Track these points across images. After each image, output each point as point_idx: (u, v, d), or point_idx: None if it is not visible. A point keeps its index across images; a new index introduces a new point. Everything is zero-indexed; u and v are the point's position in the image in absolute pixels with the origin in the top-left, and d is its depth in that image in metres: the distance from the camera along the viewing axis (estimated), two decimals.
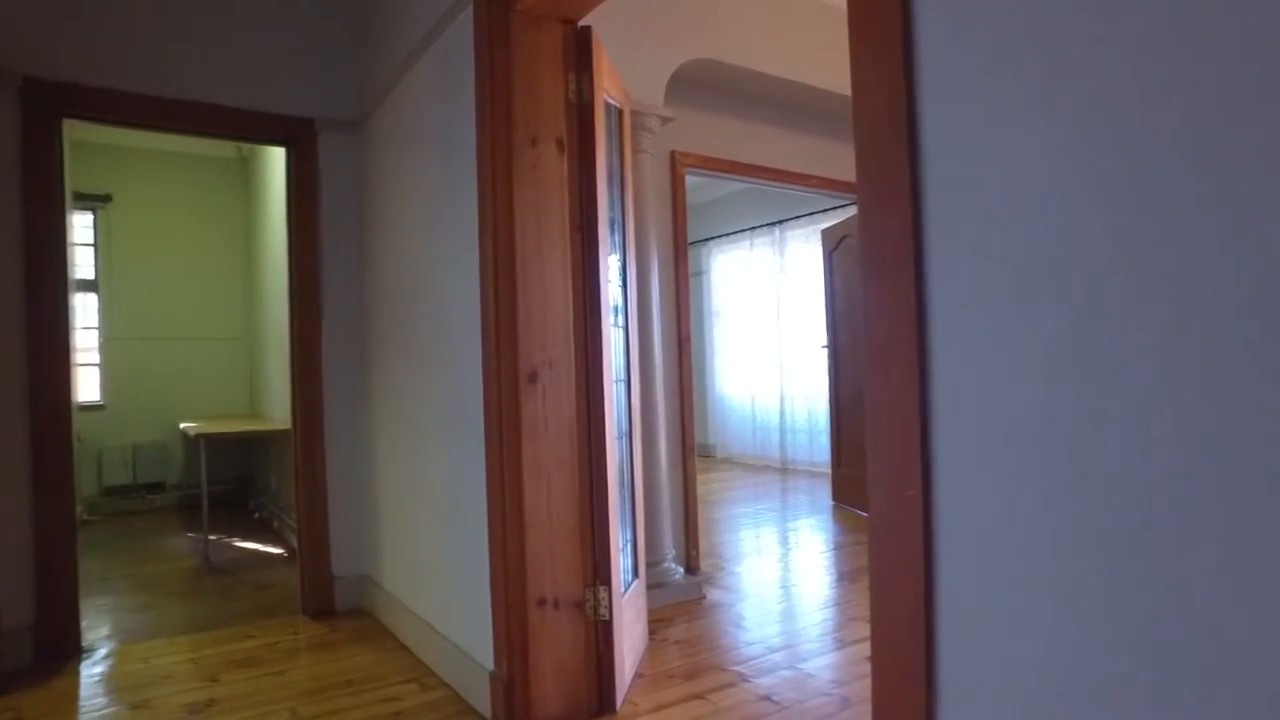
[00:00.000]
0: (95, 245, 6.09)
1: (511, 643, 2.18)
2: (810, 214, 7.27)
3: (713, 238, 8.56)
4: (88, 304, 6.06)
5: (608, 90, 2.55)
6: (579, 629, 2.28)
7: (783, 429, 7.81)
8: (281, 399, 3.56)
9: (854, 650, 2.79)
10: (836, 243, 5.55)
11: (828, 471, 6.22)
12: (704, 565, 3.87)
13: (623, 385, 2.68)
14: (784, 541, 4.64)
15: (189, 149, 6.33)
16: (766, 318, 7.92)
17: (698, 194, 8.21)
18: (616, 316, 2.65)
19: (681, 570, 3.48)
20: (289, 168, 3.38)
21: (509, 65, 2.21)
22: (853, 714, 2.30)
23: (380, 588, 3.24)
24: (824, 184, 4.41)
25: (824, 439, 6.90)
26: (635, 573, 2.75)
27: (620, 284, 2.75)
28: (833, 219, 6.49)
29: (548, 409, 2.25)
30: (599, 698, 2.31)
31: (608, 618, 2.30)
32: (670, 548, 3.41)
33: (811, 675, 2.58)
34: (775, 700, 2.39)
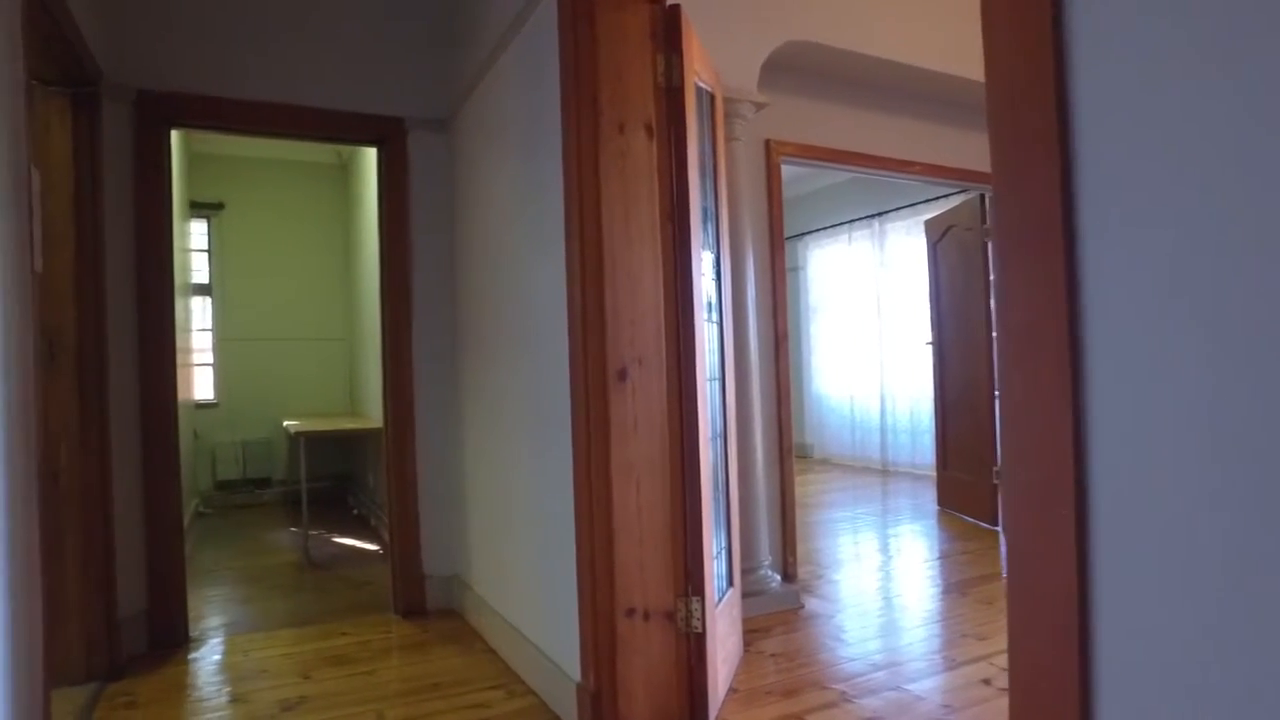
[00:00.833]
0: (209, 251, 6.39)
1: (599, 654, 2.08)
2: (911, 204, 6.95)
3: (809, 232, 8.32)
4: (205, 307, 6.36)
5: (698, 73, 2.41)
6: (670, 641, 2.17)
7: (883, 429, 7.50)
8: (379, 398, 3.60)
9: (966, 672, 2.57)
10: (941, 234, 5.24)
11: (931, 474, 5.92)
12: (801, 572, 3.68)
13: (716, 384, 2.55)
14: (885, 548, 4.40)
15: (293, 156, 6.55)
16: (866, 314, 7.63)
17: (792, 187, 7.96)
18: (710, 312, 2.52)
19: (778, 578, 3.32)
20: (380, 167, 3.40)
21: (594, 47, 2.10)
22: None
23: (470, 588, 3.21)
24: (927, 170, 4.14)
25: (927, 440, 6.57)
26: (730, 581, 2.62)
27: (714, 278, 2.61)
28: (935, 209, 6.15)
29: (638, 408, 2.14)
30: (690, 714, 2.18)
31: (700, 630, 2.18)
32: (767, 554, 3.25)
33: (920, 698, 2.38)
34: None
